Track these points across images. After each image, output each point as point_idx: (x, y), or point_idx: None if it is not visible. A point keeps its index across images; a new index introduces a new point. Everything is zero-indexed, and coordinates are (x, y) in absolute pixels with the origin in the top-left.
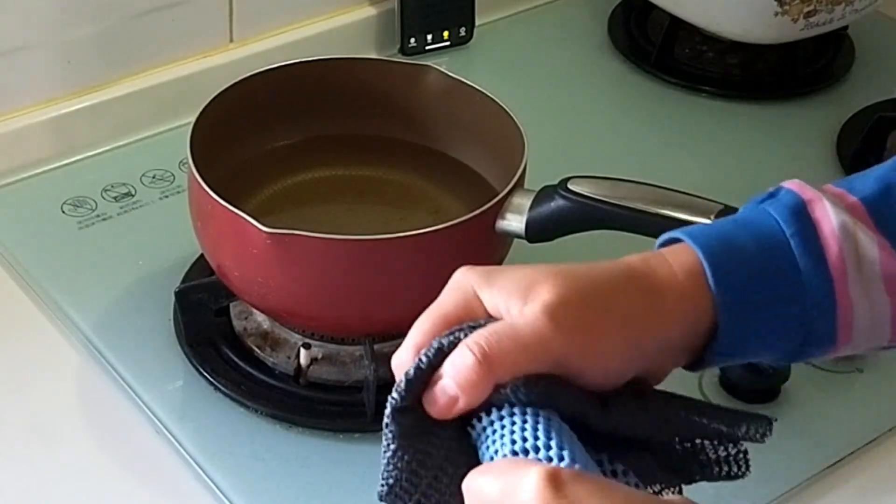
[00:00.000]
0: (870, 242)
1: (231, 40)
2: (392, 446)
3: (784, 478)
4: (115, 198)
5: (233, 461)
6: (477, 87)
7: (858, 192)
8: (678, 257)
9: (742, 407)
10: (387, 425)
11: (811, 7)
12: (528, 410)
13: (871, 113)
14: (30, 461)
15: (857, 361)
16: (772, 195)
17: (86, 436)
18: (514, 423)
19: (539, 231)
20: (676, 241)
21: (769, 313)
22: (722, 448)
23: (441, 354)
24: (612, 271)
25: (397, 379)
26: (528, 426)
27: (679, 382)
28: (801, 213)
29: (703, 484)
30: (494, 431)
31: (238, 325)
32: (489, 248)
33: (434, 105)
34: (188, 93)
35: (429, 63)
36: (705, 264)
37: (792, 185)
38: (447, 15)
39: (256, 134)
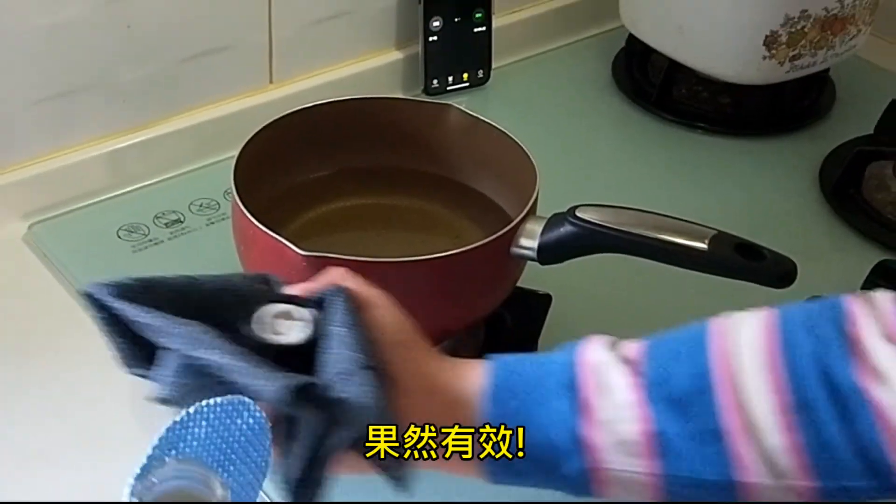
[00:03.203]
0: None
1: (271, 81)
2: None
3: None
4: (165, 224)
5: None
6: (494, 123)
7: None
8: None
9: None
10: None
11: (796, 52)
12: None
13: (850, 147)
14: (90, 467)
15: None
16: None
17: (140, 441)
18: None
19: (550, 254)
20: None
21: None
22: None
23: None
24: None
25: None
26: None
27: None
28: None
29: None
30: None
31: None
32: (505, 270)
33: (454, 140)
34: (232, 129)
35: (450, 102)
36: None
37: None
38: (467, 58)
39: (294, 166)
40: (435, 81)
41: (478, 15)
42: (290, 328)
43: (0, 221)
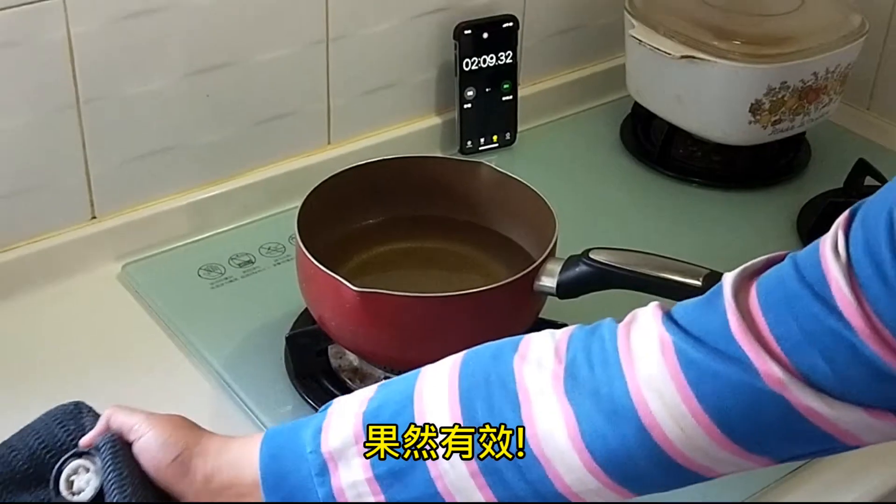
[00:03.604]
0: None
1: (329, 142)
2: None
3: (763, 476)
4: (239, 264)
5: None
6: (519, 178)
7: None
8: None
9: None
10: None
11: (777, 117)
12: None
13: (823, 199)
14: None
15: None
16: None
17: None
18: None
19: (567, 290)
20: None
21: None
22: None
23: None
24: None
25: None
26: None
27: None
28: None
29: None
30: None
31: (334, 362)
32: (528, 305)
33: (485, 192)
34: (296, 183)
35: (481, 160)
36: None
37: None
38: (496, 123)
39: (349, 214)
40: (469, 142)
41: (506, 86)
42: (88, 481)
43: (98, 262)
